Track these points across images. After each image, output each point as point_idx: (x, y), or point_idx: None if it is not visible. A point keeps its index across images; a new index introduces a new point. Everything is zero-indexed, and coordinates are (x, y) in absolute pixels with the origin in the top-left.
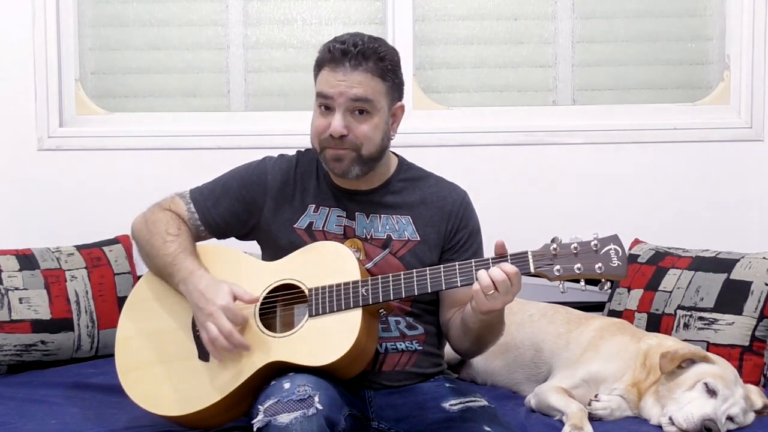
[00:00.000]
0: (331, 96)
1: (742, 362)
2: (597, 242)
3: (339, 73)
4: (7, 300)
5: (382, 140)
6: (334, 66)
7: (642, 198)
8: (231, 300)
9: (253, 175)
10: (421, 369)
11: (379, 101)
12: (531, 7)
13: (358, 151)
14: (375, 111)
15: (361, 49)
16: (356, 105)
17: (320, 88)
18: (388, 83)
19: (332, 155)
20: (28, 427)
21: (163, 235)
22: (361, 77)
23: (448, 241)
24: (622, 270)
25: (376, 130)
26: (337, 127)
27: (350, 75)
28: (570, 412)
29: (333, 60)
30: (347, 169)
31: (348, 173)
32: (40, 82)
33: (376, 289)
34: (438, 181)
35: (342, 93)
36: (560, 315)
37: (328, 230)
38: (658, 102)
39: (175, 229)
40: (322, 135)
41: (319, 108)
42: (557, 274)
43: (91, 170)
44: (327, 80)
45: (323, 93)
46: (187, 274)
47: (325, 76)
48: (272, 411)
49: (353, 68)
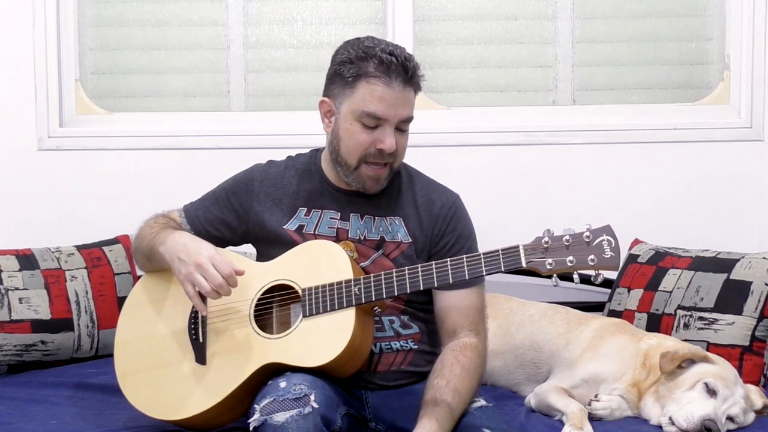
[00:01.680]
0: (386, 117)
1: (742, 362)
2: (589, 233)
3: (396, 91)
4: (7, 300)
5: None
6: (389, 82)
7: (642, 198)
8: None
9: (240, 182)
10: (417, 368)
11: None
12: (531, 7)
13: (392, 166)
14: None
15: (414, 64)
16: (403, 124)
17: (371, 106)
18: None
19: (372, 174)
20: (29, 427)
21: (151, 225)
22: (410, 95)
23: (434, 244)
24: (616, 261)
25: (407, 141)
26: (391, 144)
27: (403, 92)
28: (570, 412)
29: (388, 74)
30: (382, 185)
31: (381, 188)
32: (40, 82)
33: (368, 287)
34: (429, 184)
35: (397, 114)
36: (560, 315)
37: (319, 233)
38: (658, 102)
39: (163, 220)
40: (366, 151)
41: (359, 123)
42: (549, 267)
43: (91, 170)
44: (379, 97)
45: (375, 114)
46: (167, 235)
47: (377, 93)
48: (268, 410)
49: (405, 87)
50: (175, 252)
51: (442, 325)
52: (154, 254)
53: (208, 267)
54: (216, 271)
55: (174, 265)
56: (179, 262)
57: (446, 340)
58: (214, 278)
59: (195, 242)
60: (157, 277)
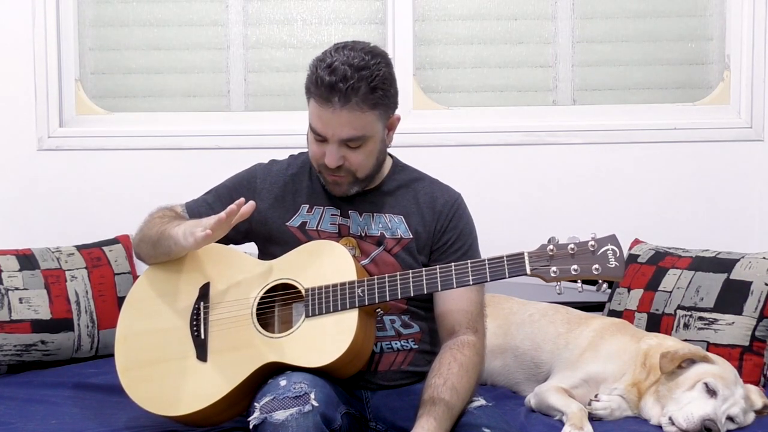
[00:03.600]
0: (322, 134)
1: (742, 362)
2: (594, 243)
3: (328, 110)
4: (7, 300)
5: (377, 159)
6: (323, 101)
7: (642, 198)
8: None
9: (243, 180)
10: (418, 367)
11: (371, 130)
12: (531, 7)
13: (354, 176)
14: (368, 140)
15: (350, 84)
16: (348, 142)
17: (311, 120)
18: (380, 109)
19: (330, 180)
20: (29, 427)
21: (159, 217)
22: (350, 116)
23: (436, 241)
24: (620, 271)
25: (371, 155)
26: (331, 162)
27: (339, 114)
28: (570, 412)
29: (320, 96)
30: (346, 191)
31: (347, 193)
32: (40, 82)
33: (372, 289)
34: (432, 183)
35: (334, 134)
36: (560, 315)
37: (322, 229)
38: (658, 102)
39: (171, 213)
40: (318, 161)
41: (312, 135)
42: (553, 275)
43: (91, 170)
44: (318, 115)
45: (314, 129)
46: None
47: (315, 110)
48: (268, 408)
49: (342, 105)
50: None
51: (442, 323)
52: (164, 239)
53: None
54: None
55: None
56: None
57: (445, 338)
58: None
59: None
60: (161, 272)
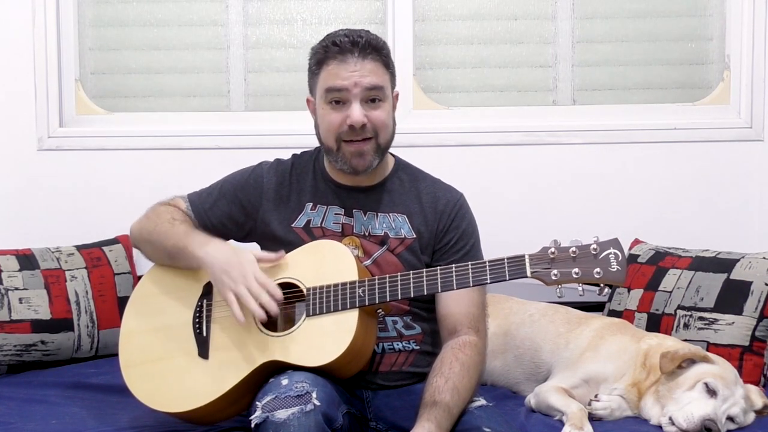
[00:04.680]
0: (346, 88)
1: (742, 362)
2: (596, 246)
3: (350, 64)
4: (7, 300)
5: (393, 127)
6: (343, 58)
7: (642, 198)
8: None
9: (249, 178)
10: (419, 368)
11: (387, 88)
12: (531, 7)
13: (376, 140)
14: (385, 98)
15: (367, 39)
16: (371, 94)
17: (331, 82)
18: (390, 71)
19: (354, 151)
20: (29, 426)
21: (170, 220)
22: (372, 65)
23: (438, 240)
24: (622, 275)
25: (389, 116)
26: (359, 116)
27: (362, 64)
28: (570, 412)
29: (341, 52)
30: (370, 163)
31: (370, 167)
32: (40, 82)
33: (372, 289)
34: (435, 182)
35: (357, 83)
36: (560, 315)
37: (326, 227)
38: (658, 102)
39: (180, 215)
40: (339, 129)
41: (329, 105)
42: (554, 278)
43: (91, 170)
44: (337, 73)
45: (335, 87)
46: (205, 241)
47: (334, 70)
48: (270, 407)
49: (363, 58)
50: (218, 261)
51: (443, 323)
52: (186, 255)
53: (251, 278)
54: (256, 282)
55: (216, 274)
56: (222, 272)
57: (446, 338)
58: (255, 289)
59: (236, 254)
60: (165, 271)
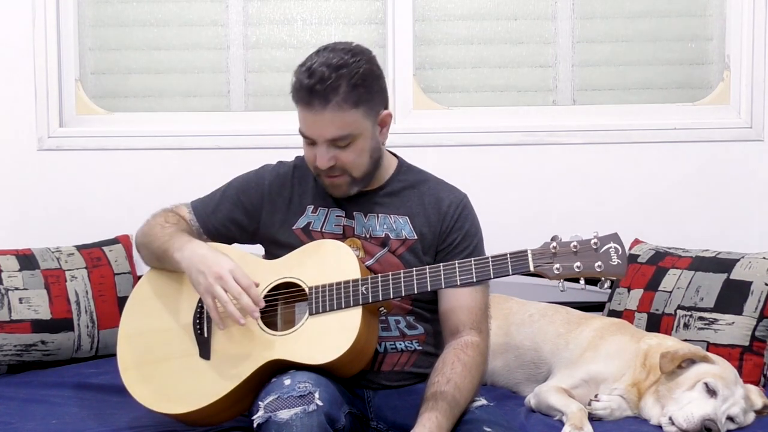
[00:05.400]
0: (311, 136)
1: (742, 362)
2: (597, 240)
3: (310, 113)
4: (7, 300)
5: (371, 157)
6: (305, 105)
7: (642, 198)
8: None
9: (251, 181)
10: (421, 369)
11: (358, 128)
12: (531, 7)
13: (350, 175)
14: (357, 137)
15: (328, 84)
16: (335, 142)
17: (300, 125)
18: (363, 107)
19: (329, 183)
20: (29, 426)
21: (161, 223)
22: (331, 115)
23: (441, 241)
24: (622, 269)
25: (362, 153)
26: (322, 163)
27: (321, 115)
28: (570, 412)
29: (302, 100)
30: (346, 191)
31: (348, 194)
32: (40, 82)
33: (375, 287)
34: (437, 183)
35: (319, 135)
36: (560, 315)
37: (326, 230)
38: (658, 102)
39: (174, 219)
40: (312, 165)
41: (304, 140)
42: (557, 272)
43: (91, 170)
44: (303, 119)
45: (301, 132)
46: (184, 242)
47: (301, 114)
48: (272, 407)
49: (322, 107)
50: (193, 263)
51: (446, 322)
52: (168, 258)
53: (228, 278)
54: (235, 283)
55: (193, 276)
56: (198, 273)
57: (449, 338)
58: (233, 289)
59: (214, 254)
60: (163, 272)
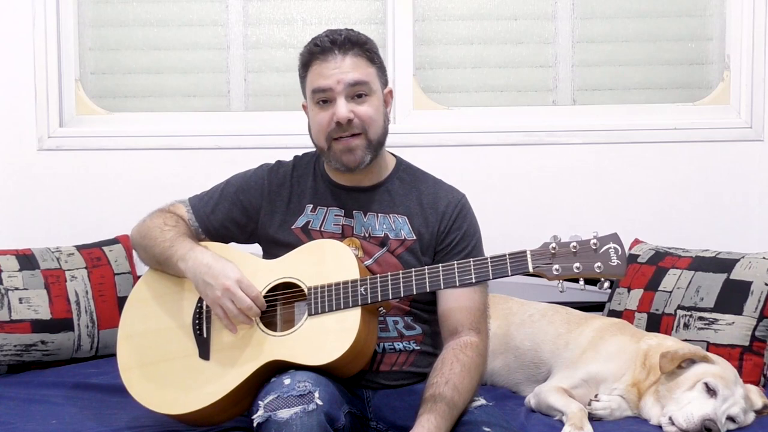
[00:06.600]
0: (329, 87)
1: (742, 362)
2: (596, 241)
3: (331, 62)
4: (7, 300)
5: (384, 123)
6: (325, 57)
7: (642, 198)
8: (241, 273)
9: (250, 180)
10: (419, 368)
11: (373, 83)
12: (531, 7)
13: (366, 136)
14: (372, 93)
15: (346, 36)
16: (355, 89)
17: (315, 83)
18: (377, 66)
19: (343, 147)
20: (29, 426)
21: (160, 226)
22: (352, 61)
23: (440, 241)
24: (622, 269)
25: (377, 111)
26: (342, 112)
27: (343, 62)
28: (570, 412)
29: (322, 52)
30: (361, 158)
31: (362, 163)
32: (40, 82)
33: (374, 288)
34: (436, 183)
35: (340, 80)
36: (560, 315)
37: (325, 230)
38: (658, 102)
39: (173, 221)
40: (328, 128)
41: (317, 105)
42: (556, 273)
43: (91, 170)
44: (320, 73)
45: (320, 87)
46: (187, 250)
47: (318, 70)
48: (272, 406)
49: (343, 55)
50: (200, 274)
51: (444, 323)
52: (171, 266)
53: (236, 291)
54: (243, 294)
55: (199, 286)
56: (205, 285)
57: (447, 338)
58: (242, 301)
59: (220, 264)
60: (162, 273)
